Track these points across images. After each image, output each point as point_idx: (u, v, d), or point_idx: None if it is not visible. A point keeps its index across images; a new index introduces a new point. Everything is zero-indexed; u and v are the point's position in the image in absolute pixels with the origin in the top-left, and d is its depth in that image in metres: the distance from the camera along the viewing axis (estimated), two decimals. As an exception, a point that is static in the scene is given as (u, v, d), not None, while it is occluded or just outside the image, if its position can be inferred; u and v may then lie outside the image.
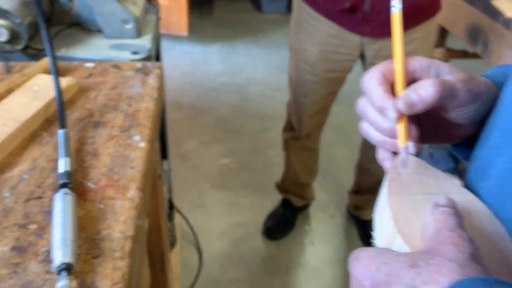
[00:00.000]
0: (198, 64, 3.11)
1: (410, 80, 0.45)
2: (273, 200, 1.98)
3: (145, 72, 0.85)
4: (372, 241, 0.41)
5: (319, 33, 1.40)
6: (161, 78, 0.84)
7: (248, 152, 2.31)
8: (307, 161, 1.79)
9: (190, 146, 2.34)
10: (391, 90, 0.45)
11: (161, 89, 0.83)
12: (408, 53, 1.42)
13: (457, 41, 2.09)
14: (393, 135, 0.44)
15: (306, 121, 1.63)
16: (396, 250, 0.35)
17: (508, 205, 0.37)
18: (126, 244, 0.51)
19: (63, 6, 1.08)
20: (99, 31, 1.08)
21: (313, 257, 1.79)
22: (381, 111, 0.43)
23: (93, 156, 0.63)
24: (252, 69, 3.06)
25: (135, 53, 1.00)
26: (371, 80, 0.44)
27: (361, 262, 0.34)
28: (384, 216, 0.40)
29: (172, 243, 1.66)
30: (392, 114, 0.42)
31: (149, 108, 0.74)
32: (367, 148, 1.74)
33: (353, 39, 1.37)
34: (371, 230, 0.42)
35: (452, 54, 2.16)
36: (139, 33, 1.08)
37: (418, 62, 0.45)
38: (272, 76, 2.91)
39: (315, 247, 1.83)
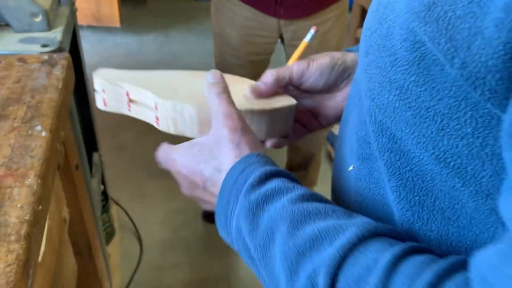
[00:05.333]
0: (133, 54, 3.07)
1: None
2: (212, 184, 2.02)
3: (51, 64, 0.85)
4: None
5: (237, 17, 1.43)
6: (67, 68, 0.85)
7: (186, 139, 2.33)
8: (241, 143, 1.84)
9: (127, 137, 2.33)
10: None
11: (68, 79, 0.84)
12: (323, 33, 1.50)
13: (378, 19, 2.18)
14: None
15: (235, 104, 1.67)
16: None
17: (343, 146, 0.45)
18: (22, 228, 0.53)
19: (-33, 1, 1.06)
20: (7, 25, 1.06)
21: (252, 236, 1.85)
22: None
23: (-7, 148, 0.64)
24: (188, 57, 3.06)
25: (44, 46, 1.00)
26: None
27: (176, 163, 0.49)
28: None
29: (111, 234, 1.67)
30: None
31: (52, 98, 0.76)
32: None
33: (271, 22, 1.42)
34: None
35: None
36: (49, 26, 1.07)
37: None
38: (207, 63, 2.92)
39: (254, 226, 1.89)
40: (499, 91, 0.26)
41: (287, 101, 0.55)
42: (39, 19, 1.05)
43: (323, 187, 2.04)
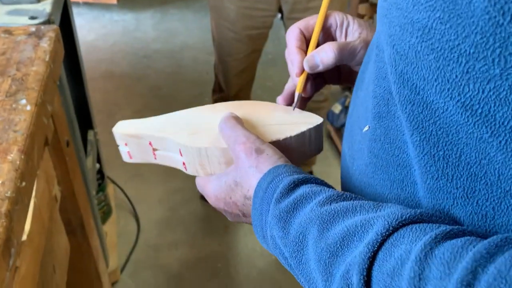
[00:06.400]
0: (130, 31, 3.02)
1: (327, 35, 0.54)
2: (210, 163, 1.99)
3: (38, 36, 0.82)
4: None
5: (235, -11, 1.38)
6: (55, 41, 0.81)
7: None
8: (239, 121, 1.80)
9: (124, 116, 2.30)
10: (306, 45, 0.53)
11: (56, 52, 0.81)
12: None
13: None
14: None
15: (233, 80, 1.63)
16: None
17: (357, 108, 0.44)
18: (2, 205, 0.50)
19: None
20: (-6, -3, 1.02)
21: (251, 215, 1.83)
22: (291, 63, 0.53)
23: (-26, 123, 0.61)
24: (186, 34, 3.00)
25: (33, 18, 0.96)
26: (290, 34, 0.53)
27: (210, 199, 0.50)
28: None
29: (107, 213, 1.66)
30: (295, 70, 0.52)
31: (39, 71, 0.72)
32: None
33: (269, -6, 1.37)
34: None
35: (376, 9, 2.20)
36: (38, -2, 1.03)
37: (334, 19, 0.53)
38: (205, 40, 2.87)
39: (253, 205, 1.87)
40: None
41: (312, 120, 0.51)
42: (27, -10, 1.01)
43: (322, 167, 2.01)
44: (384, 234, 0.31)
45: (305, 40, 0.53)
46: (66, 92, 1.06)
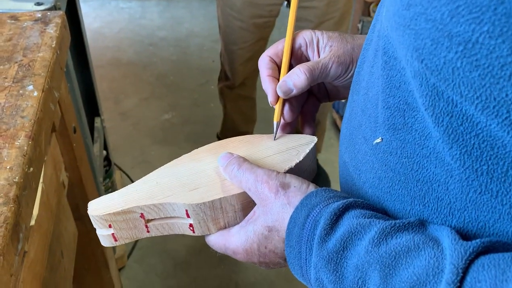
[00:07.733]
0: (136, 19, 3.01)
1: (299, 56, 0.53)
2: (216, 151, 1.99)
3: (44, 22, 0.81)
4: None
5: (241, -24, 1.37)
6: (62, 27, 0.81)
7: (190, 106, 2.30)
8: (245, 109, 1.80)
9: (130, 103, 2.30)
10: (278, 71, 0.52)
11: (62, 38, 0.81)
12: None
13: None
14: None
15: (239, 69, 1.63)
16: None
17: (358, 116, 0.42)
18: (11, 190, 0.50)
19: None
20: (0, -17, 1.02)
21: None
22: (266, 92, 0.52)
23: (-18, 108, 0.61)
24: (191, 21, 2.99)
25: (39, 4, 0.96)
26: (261, 64, 0.53)
27: (239, 255, 0.45)
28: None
29: (114, 200, 1.66)
30: (270, 99, 0.51)
31: (45, 57, 0.72)
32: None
33: (276, -19, 1.36)
34: None
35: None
36: (44, -17, 1.02)
37: (303, 38, 0.53)
38: (211, 28, 2.86)
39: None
40: None
41: (307, 140, 0.50)
42: (33, -24, 1.00)
43: (328, 155, 2.01)
44: (456, 281, 0.29)
45: (277, 67, 0.52)
46: (73, 79, 1.06)
